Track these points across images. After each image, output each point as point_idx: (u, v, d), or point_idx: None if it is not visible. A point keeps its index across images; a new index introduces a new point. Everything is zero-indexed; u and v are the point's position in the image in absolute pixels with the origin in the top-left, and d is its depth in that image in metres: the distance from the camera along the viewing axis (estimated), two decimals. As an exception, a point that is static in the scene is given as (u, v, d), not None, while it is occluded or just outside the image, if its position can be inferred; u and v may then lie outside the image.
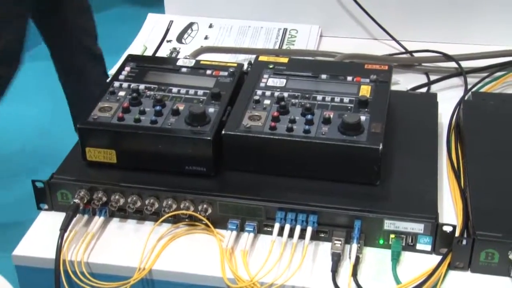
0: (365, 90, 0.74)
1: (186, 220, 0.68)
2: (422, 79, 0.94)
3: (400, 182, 0.69)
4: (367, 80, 0.76)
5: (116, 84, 0.77)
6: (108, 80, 0.79)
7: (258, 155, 0.69)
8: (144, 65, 0.80)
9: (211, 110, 0.72)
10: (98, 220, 0.68)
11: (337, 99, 0.73)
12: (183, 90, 0.75)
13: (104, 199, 0.69)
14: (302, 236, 0.65)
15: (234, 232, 0.66)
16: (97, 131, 0.70)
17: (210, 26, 1.10)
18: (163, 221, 0.68)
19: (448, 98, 0.85)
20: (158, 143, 0.69)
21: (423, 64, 0.97)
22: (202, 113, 0.70)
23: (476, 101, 0.83)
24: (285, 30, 1.08)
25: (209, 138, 0.68)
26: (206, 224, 0.67)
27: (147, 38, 1.07)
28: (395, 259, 0.63)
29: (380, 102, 0.72)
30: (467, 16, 1.02)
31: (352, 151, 0.67)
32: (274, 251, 0.64)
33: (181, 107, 0.72)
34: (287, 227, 0.65)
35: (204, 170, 0.69)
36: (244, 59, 0.96)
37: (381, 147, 0.66)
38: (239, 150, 0.69)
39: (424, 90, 0.91)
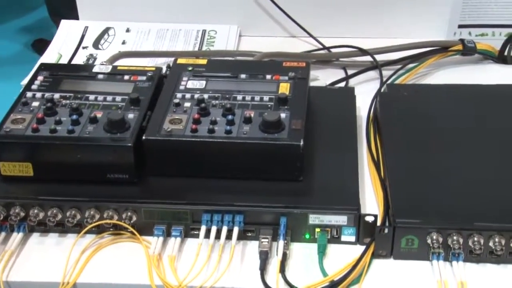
0: (284, 88, 0.75)
1: (111, 229, 0.67)
2: (340, 74, 0.96)
3: (323, 176, 0.70)
4: (286, 78, 0.77)
5: (29, 94, 0.74)
6: (20, 91, 0.76)
7: (180, 158, 0.68)
8: (58, 74, 0.78)
9: (130, 116, 0.70)
10: (16, 237, 0.66)
11: (257, 98, 0.73)
12: (100, 97, 0.73)
13: (22, 214, 0.66)
14: (229, 237, 0.65)
15: (161, 238, 0.65)
16: (11, 145, 0.67)
17: (127, 30, 1.08)
18: (87, 232, 0.66)
19: (365, 91, 0.87)
20: (76, 152, 0.67)
21: (340, 59, 0.99)
22: (121, 120, 0.68)
23: (391, 93, 0.86)
24: (204, 31, 1.07)
25: (129, 144, 0.67)
26: (132, 232, 0.66)
27: (61, 46, 1.04)
28: (321, 252, 0.64)
29: (299, 98, 0.73)
30: (381, 11, 1.05)
31: (274, 148, 0.67)
32: (202, 253, 0.63)
33: (99, 115, 0.70)
34: (213, 229, 0.65)
35: (126, 177, 0.68)
36: (163, 63, 0.95)
37: (302, 143, 0.67)
38: (161, 155, 0.68)
39: (342, 84, 0.93)
